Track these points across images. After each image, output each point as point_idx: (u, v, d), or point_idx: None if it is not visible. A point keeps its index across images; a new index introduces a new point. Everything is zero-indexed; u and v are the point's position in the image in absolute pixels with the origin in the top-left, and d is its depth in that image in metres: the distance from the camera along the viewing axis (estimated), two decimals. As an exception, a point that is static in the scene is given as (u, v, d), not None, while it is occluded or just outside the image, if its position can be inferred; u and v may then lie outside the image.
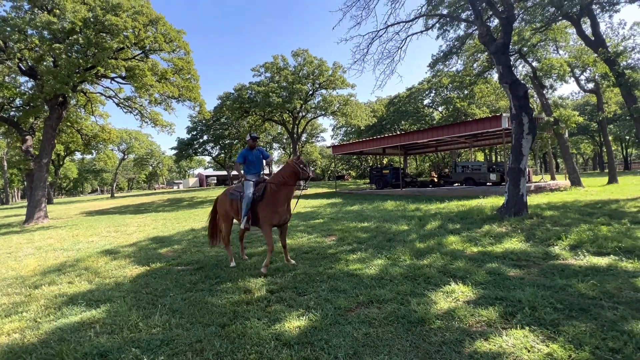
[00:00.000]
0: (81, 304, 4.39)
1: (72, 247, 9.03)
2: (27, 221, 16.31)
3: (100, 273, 5.93)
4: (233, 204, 5.77)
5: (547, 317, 3.24)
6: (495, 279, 4.38)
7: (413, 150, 31.46)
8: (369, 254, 6.01)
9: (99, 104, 23.77)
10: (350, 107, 30.11)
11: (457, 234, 7.15)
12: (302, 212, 13.44)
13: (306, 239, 7.84)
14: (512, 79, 9.32)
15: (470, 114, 33.85)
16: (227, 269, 5.60)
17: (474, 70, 23.55)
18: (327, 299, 4.00)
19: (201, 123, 41.04)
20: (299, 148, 34.22)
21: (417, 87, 41.95)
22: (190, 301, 4.23)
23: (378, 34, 11.29)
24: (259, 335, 3.21)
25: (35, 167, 16.94)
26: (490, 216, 9.05)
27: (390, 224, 8.95)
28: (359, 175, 67.05)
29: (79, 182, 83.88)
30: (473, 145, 27.01)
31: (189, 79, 19.87)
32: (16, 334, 3.65)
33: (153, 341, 3.23)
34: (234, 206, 5.76)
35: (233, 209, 5.79)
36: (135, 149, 56.51)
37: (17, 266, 7.11)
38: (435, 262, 5.25)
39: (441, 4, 14.10)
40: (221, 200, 6.14)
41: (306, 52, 29.11)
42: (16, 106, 20.12)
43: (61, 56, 14.35)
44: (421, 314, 3.43)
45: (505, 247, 5.91)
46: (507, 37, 9.53)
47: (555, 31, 19.37)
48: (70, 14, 14.33)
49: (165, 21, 17.58)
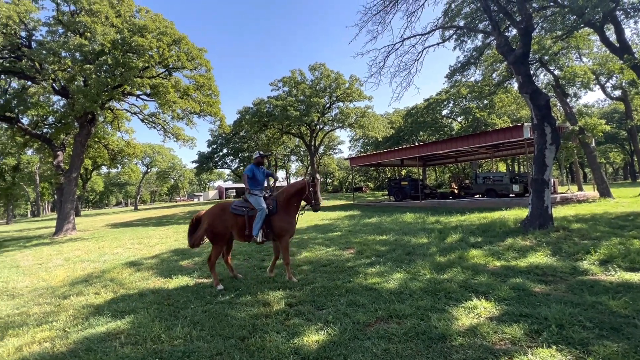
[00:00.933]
0: (107, 314, 4.54)
1: (98, 258, 9.35)
2: (56, 233, 17.01)
3: (125, 284, 6.10)
4: (238, 219, 5.51)
5: (575, 336, 3.10)
6: (520, 294, 4.24)
7: (432, 162, 31.07)
8: (388, 267, 5.95)
9: (125, 120, 24.78)
10: (368, 119, 30.20)
11: (479, 248, 6.97)
12: (319, 224, 13.45)
13: (324, 251, 7.83)
14: (533, 89, 9.15)
15: (490, 123, 33.25)
16: (246, 281, 5.65)
17: (493, 80, 23.22)
18: (345, 313, 3.98)
19: (221, 137, 42.06)
20: (316, 160, 34.41)
21: (435, 97, 41.69)
22: (210, 313, 4.29)
23: (394, 47, 11.38)
24: (278, 349, 3.22)
25: (65, 181, 17.75)
26: (514, 229, 8.79)
27: (409, 237, 8.82)
28: (377, 187, 66.57)
29: (104, 195, 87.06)
30: (494, 155, 26.43)
31: (210, 94, 20.50)
32: (47, 343, 3.80)
33: (175, 353, 3.29)
34: (239, 222, 5.50)
35: (238, 224, 5.51)
36: (158, 162, 58.23)
37: (47, 277, 7.42)
38: (456, 276, 5.14)
39: (457, 16, 14.10)
40: (217, 216, 5.64)
41: (323, 66, 29.57)
42: (49, 123, 21.30)
43: (91, 76, 15.15)
44: (442, 330, 3.36)
45: (530, 261, 5.72)
46: (526, 46, 9.40)
47: (578, 38, 18.94)
48: (100, 37, 15.17)
49: (187, 40, 18.32)
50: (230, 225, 5.54)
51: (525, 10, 9.46)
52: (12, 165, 37.61)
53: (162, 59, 17.24)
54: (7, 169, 37.40)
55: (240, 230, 5.53)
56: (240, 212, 5.55)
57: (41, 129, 20.82)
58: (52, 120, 21.13)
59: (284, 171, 71.14)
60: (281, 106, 27.39)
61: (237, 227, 5.53)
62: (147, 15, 18.87)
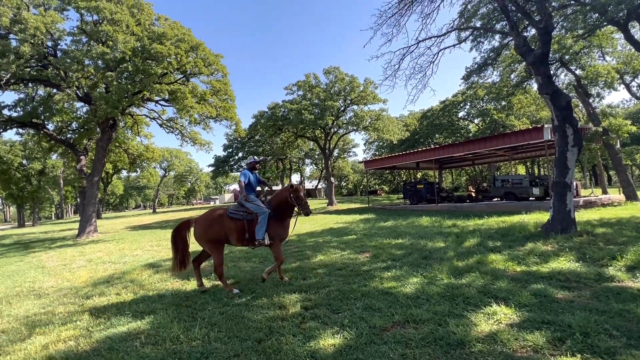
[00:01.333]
0: (128, 314, 4.66)
1: (119, 260, 9.60)
2: (79, 235, 17.57)
3: (145, 286, 6.25)
4: (238, 224, 5.48)
5: (601, 344, 2.99)
6: (542, 301, 4.12)
7: (448, 164, 30.61)
8: (404, 271, 5.88)
9: (144, 125, 25.46)
10: (382, 122, 30.02)
11: (498, 252, 6.81)
12: (334, 228, 13.43)
13: (339, 255, 7.81)
14: (553, 89, 8.92)
15: (509, 125, 32.53)
16: (262, 284, 5.69)
17: (511, 81, 22.76)
18: (361, 317, 3.96)
19: (237, 141, 42.61)
20: (330, 163, 34.41)
21: (451, 99, 41.12)
22: (227, 315, 4.34)
23: (409, 49, 11.30)
24: (295, 352, 3.23)
25: (87, 184, 18.35)
26: (534, 233, 8.55)
27: (425, 241, 8.71)
28: (392, 190, 66.06)
29: (124, 198, 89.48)
30: (513, 158, 25.82)
31: (226, 99, 20.85)
32: (71, 342, 3.93)
33: (194, 353, 3.35)
34: (238, 226, 5.46)
35: (237, 229, 5.45)
36: (175, 166, 59.49)
37: (71, 277, 7.67)
38: (474, 281, 5.03)
39: (474, 17, 13.91)
40: (211, 221, 5.55)
41: (337, 69, 29.62)
42: (72, 129, 22.13)
43: (113, 83, 15.66)
44: (460, 336, 3.30)
45: (552, 267, 5.55)
46: (545, 46, 9.18)
47: (600, 37, 18.39)
48: (121, 45, 15.67)
49: (204, 47, 18.71)
50: (228, 230, 5.47)
51: (545, 9, 9.25)
52: (38, 169, 39.14)
53: (180, 65, 17.65)
54: (33, 173, 38.94)
55: (239, 234, 5.47)
56: (238, 216, 5.52)
57: (65, 134, 21.66)
58: (75, 126, 21.96)
59: (299, 174, 71.52)
60: (296, 110, 27.56)
61: (236, 232, 5.46)
62: (166, 23, 19.39)
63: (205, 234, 5.48)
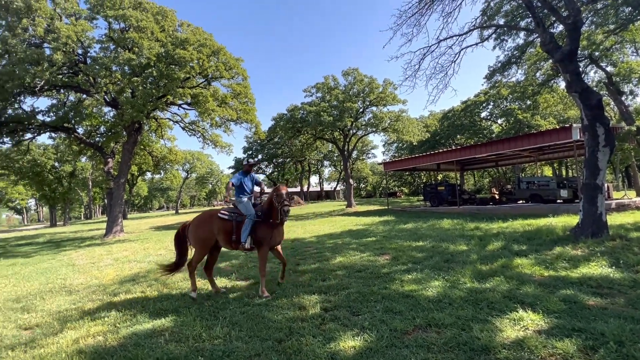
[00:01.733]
0: (152, 312, 4.79)
1: (144, 259, 9.89)
2: (106, 234, 18.24)
3: (168, 284, 6.41)
4: (226, 224, 5.44)
5: (637, 354, 2.84)
6: (571, 307, 3.95)
7: (470, 166, 29.89)
8: (425, 274, 5.77)
9: (167, 129, 26.21)
10: (402, 123, 29.65)
11: (524, 256, 6.58)
12: (353, 229, 13.36)
13: (359, 257, 7.76)
14: (583, 87, 8.56)
15: (534, 125, 31.44)
16: (282, 285, 5.73)
17: (537, 80, 22.02)
18: (382, 319, 3.91)
19: (256, 143, 43.23)
20: (349, 165, 34.26)
21: (473, 99, 40.18)
22: (248, 315, 4.40)
23: (430, 49, 11.11)
24: (315, 353, 3.23)
25: (114, 186, 19.04)
26: (563, 237, 8.21)
27: (447, 244, 8.52)
28: (411, 192, 65.13)
29: (148, 199, 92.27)
30: (539, 159, 24.92)
31: (246, 102, 21.17)
32: (100, 337, 4.08)
33: (216, 352, 3.40)
34: (226, 227, 5.43)
35: (225, 230, 5.43)
36: (197, 168, 60.94)
37: (99, 275, 7.98)
38: (499, 286, 4.88)
39: (497, 14, 13.56)
40: (202, 221, 5.63)
41: (356, 70, 29.52)
42: (100, 133, 23.04)
43: (138, 88, 16.23)
44: (485, 342, 3.20)
45: (582, 272, 5.31)
46: (574, 43, 8.82)
47: (634, 32, 17.53)
48: (147, 51, 16.21)
49: (225, 51, 19.09)
50: (216, 230, 5.44)
51: (573, 4, 8.89)
52: (69, 171, 40.95)
53: (202, 70, 18.07)
54: (64, 175, 40.76)
55: (226, 235, 5.43)
56: (228, 217, 5.48)
57: (94, 138, 22.60)
58: (103, 130, 22.86)
59: (317, 176, 71.70)
60: (314, 112, 27.63)
61: (223, 233, 5.42)
62: (189, 29, 19.91)
63: (195, 233, 5.56)
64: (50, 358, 3.63)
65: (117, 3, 16.91)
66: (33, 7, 15.28)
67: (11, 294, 6.90)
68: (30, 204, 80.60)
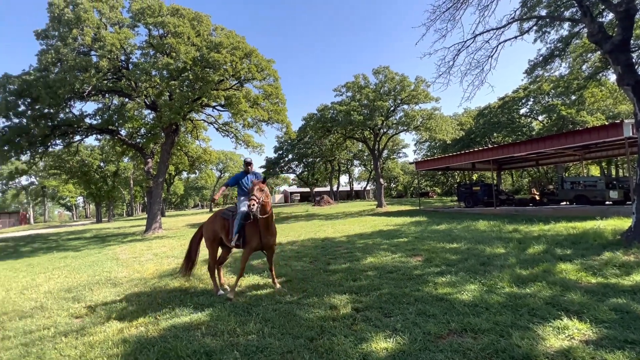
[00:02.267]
0: (189, 306, 4.99)
1: (181, 255, 10.30)
2: (146, 231, 19.23)
3: (204, 280, 6.65)
4: (225, 223, 5.60)
5: (703, 372, 2.58)
6: (623, 317, 3.67)
7: (508, 165, 28.58)
8: (460, 277, 5.58)
9: (202, 130, 27.16)
10: (435, 121, 28.84)
11: (569, 261, 6.19)
12: (384, 230, 13.19)
13: (390, 258, 7.65)
14: (636, 80, 7.91)
15: (579, 122, 29.48)
16: (313, 283, 5.76)
17: (583, 73, 20.64)
18: (415, 322, 3.83)
19: (287, 143, 43.82)
20: (380, 164, 33.82)
21: (511, 95, 38.36)
22: (280, 312, 4.47)
23: (465, 44, 10.73)
24: (347, 352, 3.23)
25: (153, 185, 20.02)
26: (613, 241, 7.64)
27: (483, 246, 8.19)
28: (444, 192, 63.31)
29: (184, 198, 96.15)
30: (584, 157, 23.34)
31: (277, 102, 21.49)
32: (142, 327, 4.31)
33: (250, 347, 3.49)
34: (225, 226, 5.58)
35: (225, 228, 5.57)
36: (230, 168, 62.73)
37: (140, 269, 8.42)
38: (541, 291, 4.63)
39: (538, 5, 12.85)
40: (210, 221, 5.87)
41: (387, 69, 29.08)
42: (141, 134, 24.31)
43: (175, 91, 16.94)
44: (526, 350, 3.05)
45: (636, 279, 4.91)
46: (626, 32, 8.17)
47: (696, 18, 15.92)
48: (183, 55, 16.90)
49: (257, 53, 19.48)
50: (219, 229, 5.62)
51: (625, -10, 8.24)
52: (113, 171, 43.53)
53: (234, 72, 18.55)
54: (109, 174, 43.38)
55: (227, 234, 5.55)
56: (227, 216, 5.63)
57: (135, 139, 23.89)
58: (143, 132, 24.09)
59: (347, 175, 71.43)
60: (345, 111, 27.54)
61: (225, 231, 5.58)
62: (222, 33, 20.51)
63: (205, 232, 5.86)
64: (98, 345, 3.88)
65: (156, 11, 17.76)
66: (82, 17, 16.39)
67: (64, 284, 7.46)
68: (78, 202, 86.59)
